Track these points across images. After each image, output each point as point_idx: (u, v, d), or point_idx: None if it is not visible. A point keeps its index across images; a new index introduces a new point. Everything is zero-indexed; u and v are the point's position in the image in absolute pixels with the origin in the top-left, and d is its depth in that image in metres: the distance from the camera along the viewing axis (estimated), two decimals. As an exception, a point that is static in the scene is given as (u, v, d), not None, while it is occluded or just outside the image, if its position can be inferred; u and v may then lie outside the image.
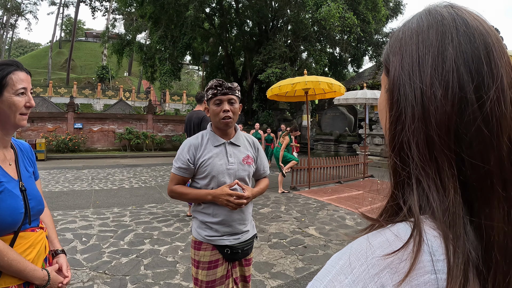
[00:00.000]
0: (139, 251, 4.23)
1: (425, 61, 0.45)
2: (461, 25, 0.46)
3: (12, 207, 1.21)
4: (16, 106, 1.26)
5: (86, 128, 18.70)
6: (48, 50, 49.30)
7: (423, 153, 0.44)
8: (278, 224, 5.45)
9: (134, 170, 12.13)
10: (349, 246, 0.45)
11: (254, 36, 22.94)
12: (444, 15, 0.47)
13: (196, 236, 1.95)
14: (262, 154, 2.17)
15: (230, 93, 1.90)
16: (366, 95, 11.00)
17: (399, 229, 0.43)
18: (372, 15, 17.76)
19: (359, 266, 0.41)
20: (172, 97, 36.74)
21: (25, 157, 1.43)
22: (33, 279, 1.24)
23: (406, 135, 0.45)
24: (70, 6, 50.75)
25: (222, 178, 1.89)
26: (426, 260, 0.39)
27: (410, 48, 0.48)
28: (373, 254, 0.41)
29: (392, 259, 0.40)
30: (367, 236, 0.45)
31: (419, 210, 0.43)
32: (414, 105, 0.45)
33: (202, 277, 1.89)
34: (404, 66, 0.47)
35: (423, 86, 0.44)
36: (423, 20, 0.49)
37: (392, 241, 0.42)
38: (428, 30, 0.47)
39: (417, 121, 0.44)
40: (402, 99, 0.46)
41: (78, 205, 6.57)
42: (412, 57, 0.47)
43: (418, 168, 0.44)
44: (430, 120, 0.43)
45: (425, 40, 0.46)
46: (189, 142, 1.96)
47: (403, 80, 0.47)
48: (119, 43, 22.87)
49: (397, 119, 0.47)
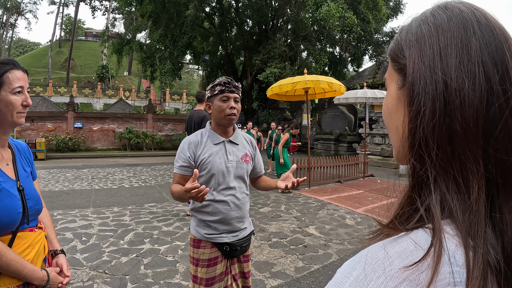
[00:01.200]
0: (139, 250, 4.22)
1: (448, 53, 0.44)
2: (481, 18, 0.45)
3: (10, 207, 1.20)
4: (13, 105, 1.25)
5: (86, 127, 18.69)
6: (48, 50, 49.26)
7: (445, 150, 0.42)
8: (278, 224, 5.44)
9: (134, 170, 12.12)
10: (363, 254, 0.43)
11: (254, 35, 22.95)
12: (462, 9, 0.46)
13: (195, 234, 1.95)
14: (258, 154, 2.21)
15: (236, 91, 1.94)
16: (366, 94, 10.98)
17: (417, 237, 0.41)
18: (373, 14, 17.74)
19: (376, 278, 0.39)
20: (172, 96, 36.72)
21: (22, 157, 1.42)
22: (32, 279, 1.23)
23: (424, 132, 0.43)
24: (70, 6, 50.75)
25: (222, 176, 1.90)
26: (446, 272, 0.37)
27: (430, 40, 0.46)
28: (391, 266, 0.39)
29: (412, 271, 0.38)
30: (383, 244, 0.42)
31: (440, 216, 0.41)
32: (436, 99, 0.43)
33: (201, 274, 1.90)
34: (424, 59, 0.45)
35: (447, 78, 0.43)
36: (440, 14, 0.47)
37: (411, 251, 0.39)
38: (448, 22, 0.45)
39: (439, 116, 0.42)
40: (422, 93, 0.44)
41: (78, 205, 6.56)
42: (433, 49, 0.45)
43: (437, 167, 0.42)
44: (455, 114, 0.41)
45: (447, 31, 0.45)
46: (188, 139, 1.97)
47: (424, 73, 0.45)
48: (119, 43, 22.86)
49: (416, 115, 0.44)
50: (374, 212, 6.20)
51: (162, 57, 19.57)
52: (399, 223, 0.46)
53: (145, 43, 24.57)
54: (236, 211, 1.93)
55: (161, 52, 19.81)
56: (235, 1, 21.12)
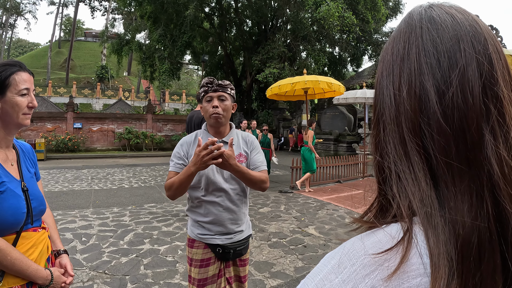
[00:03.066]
0: (138, 250, 4.23)
1: (395, 66, 0.48)
2: (426, 23, 0.47)
3: (15, 207, 1.22)
4: (19, 106, 1.26)
5: (86, 128, 18.69)
6: (47, 50, 49.27)
7: (399, 151, 0.46)
8: (278, 224, 5.45)
9: (133, 170, 12.12)
10: (342, 246, 0.45)
11: (253, 35, 22.96)
12: (414, 16, 0.49)
13: (190, 234, 1.97)
14: (257, 150, 2.08)
15: (221, 90, 1.91)
16: (365, 94, 11.01)
17: (392, 229, 0.43)
18: (372, 14, 17.75)
19: (350, 266, 0.41)
20: (172, 96, 36.70)
21: (26, 158, 1.44)
22: (36, 278, 1.24)
23: (385, 135, 0.48)
24: (69, 6, 50.82)
25: (212, 176, 1.88)
26: (418, 263, 0.38)
27: (386, 55, 0.51)
28: (365, 255, 0.41)
29: (383, 260, 0.39)
30: (361, 236, 0.45)
31: (408, 209, 0.43)
32: (389, 108, 0.48)
33: (194, 274, 1.90)
34: (383, 73, 0.50)
35: (394, 89, 0.48)
36: (402, 25, 0.51)
37: (386, 241, 0.41)
38: (399, 35, 0.50)
39: (392, 123, 0.47)
40: (380, 103, 0.50)
41: (78, 205, 6.57)
42: (388, 64, 0.50)
43: (395, 164, 0.46)
44: (400, 120, 0.46)
45: (396, 44, 0.49)
46: (184, 139, 2.00)
47: (382, 86, 0.50)
48: (118, 43, 22.86)
49: (378, 121, 0.50)
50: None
51: (161, 57, 19.57)
52: (376, 218, 0.49)
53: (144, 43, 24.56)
54: (228, 213, 1.90)
55: (160, 52, 19.81)
56: (234, 2, 21.13)
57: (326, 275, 0.42)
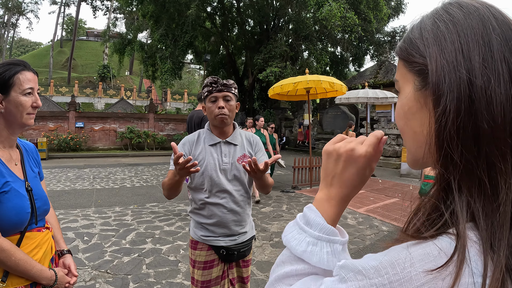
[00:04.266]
0: (141, 250, 4.23)
1: (470, 50, 0.42)
2: (497, 14, 0.44)
3: (19, 206, 1.21)
4: (23, 106, 1.26)
5: (88, 127, 18.71)
6: (49, 49, 49.30)
7: (470, 151, 0.40)
8: (280, 223, 5.45)
9: (135, 169, 12.14)
10: (385, 252, 0.42)
11: (255, 35, 22.92)
12: (477, 6, 0.45)
13: (193, 235, 1.95)
14: (261, 152, 2.05)
15: (226, 90, 1.86)
16: (367, 94, 10.99)
17: (442, 243, 0.40)
18: (374, 14, 17.70)
19: (393, 274, 0.38)
20: (174, 96, 36.69)
21: (30, 158, 1.43)
22: (40, 279, 1.24)
23: (450, 134, 0.42)
24: (71, 5, 50.73)
25: (216, 177, 1.85)
26: (468, 283, 0.36)
27: (451, 38, 0.44)
28: (412, 267, 0.38)
29: (432, 277, 0.37)
30: (406, 245, 0.41)
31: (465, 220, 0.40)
32: (461, 98, 0.41)
33: (197, 276, 1.89)
34: (447, 57, 0.44)
35: (471, 76, 0.41)
36: (456, 11, 0.46)
37: (435, 256, 0.38)
38: (466, 19, 0.44)
39: (463, 116, 0.41)
40: (447, 93, 0.42)
41: (80, 204, 6.58)
42: (454, 47, 0.43)
43: (462, 169, 0.41)
44: (482, 113, 0.40)
45: (466, 28, 0.43)
46: (185, 139, 1.97)
47: (448, 72, 0.43)
48: (120, 42, 22.86)
49: (441, 116, 0.43)
50: (376, 212, 6.19)
51: (162, 56, 19.56)
52: (424, 229, 0.44)
53: (146, 42, 24.57)
54: (232, 215, 1.88)
55: (162, 52, 19.80)
56: (236, 1, 21.09)
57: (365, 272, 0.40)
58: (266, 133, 7.84)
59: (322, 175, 0.61)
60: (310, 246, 0.55)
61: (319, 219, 0.56)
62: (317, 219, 0.56)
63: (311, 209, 0.59)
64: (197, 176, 1.88)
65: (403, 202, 7.12)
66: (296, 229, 0.60)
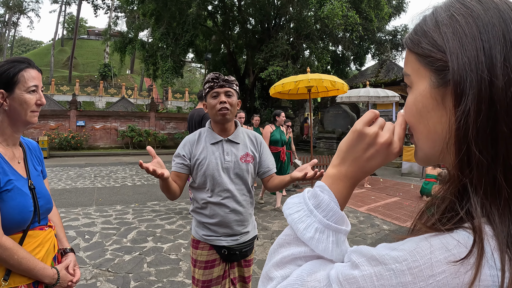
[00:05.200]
0: (142, 248, 4.23)
1: (492, 48, 0.40)
2: None
3: (22, 205, 1.21)
4: (27, 103, 1.26)
5: (89, 125, 18.72)
6: (50, 48, 49.29)
7: (488, 153, 0.39)
8: (281, 222, 5.44)
9: (136, 168, 12.15)
10: (403, 241, 0.42)
11: (256, 34, 22.90)
12: (495, 1, 0.42)
13: (194, 234, 1.93)
14: (266, 150, 2.04)
15: (227, 85, 1.84)
16: (369, 93, 10.96)
17: (459, 236, 0.39)
18: (375, 13, 17.68)
19: (412, 261, 0.38)
20: (174, 94, 36.71)
21: (33, 156, 1.43)
22: (42, 277, 1.24)
23: (469, 135, 0.40)
24: (72, 4, 50.63)
25: (218, 177, 1.83)
26: (487, 274, 0.36)
27: (472, 33, 0.42)
28: (432, 254, 0.38)
29: (454, 267, 0.37)
30: (424, 236, 0.41)
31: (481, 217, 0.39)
32: (482, 99, 0.39)
33: (198, 276, 1.88)
34: (468, 54, 0.41)
35: (492, 76, 0.39)
36: (474, 4, 0.43)
37: (454, 245, 0.38)
38: (486, 13, 0.41)
39: (483, 117, 0.39)
40: (469, 92, 0.40)
41: (81, 203, 6.58)
42: (476, 44, 0.41)
43: (478, 171, 0.40)
44: (502, 116, 0.38)
45: (487, 24, 0.41)
46: (187, 138, 1.95)
47: (469, 70, 0.41)
48: (121, 41, 22.86)
49: (461, 116, 0.41)
50: (377, 211, 6.19)
51: (163, 55, 19.55)
52: (440, 224, 0.44)
53: (147, 41, 24.54)
54: (235, 214, 1.86)
55: (163, 51, 19.79)
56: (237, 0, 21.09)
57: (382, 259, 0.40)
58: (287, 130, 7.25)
59: (343, 149, 0.56)
60: (318, 234, 0.51)
61: (333, 204, 0.53)
62: (331, 205, 0.52)
63: (324, 189, 0.54)
64: (199, 176, 1.86)
65: (404, 201, 7.11)
66: (303, 210, 0.54)
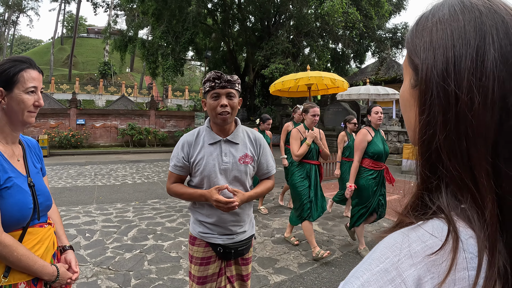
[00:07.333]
0: (142, 246, 4.24)
1: (462, 63, 0.40)
2: (500, 24, 0.40)
3: (21, 202, 1.21)
4: (25, 104, 1.26)
5: (89, 124, 18.72)
6: (50, 47, 49.26)
7: (459, 162, 0.40)
8: (281, 220, 5.45)
9: (136, 166, 12.15)
10: (383, 240, 0.44)
11: (256, 31, 22.88)
12: (482, 10, 0.41)
13: (192, 231, 1.95)
14: (266, 152, 1.98)
15: (229, 86, 1.76)
16: (369, 90, 10.97)
17: (434, 224, 0.41)
18: (375, 10, 17.66)
19: (393, 256, 0.40)
20: (174, 92, 36.69)
21: (32, 153, 1.43)
22: (42, 274, 1.24)
23: (437, 142, 0.41)
24: (71, 2, 50.50)
25: (215, 178, 1.80)
26: (462, 257, 0.38)
27: (445, 45, 0.42)
28: (410, 247, 0.40)
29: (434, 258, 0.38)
30: (402, 231, 0.43)
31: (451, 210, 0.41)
32: (447, 112, 0.40)
33: (194, 271, 1.89)
34: (438, 66, 0.42)
35: (458, 91, 0.40)
36: (458, 14, 0.43)
37: (430, 236, 0.40)
38: (465, 26, 0.41)
39: (450, 129, 0.40)
40: (434, 103, 0.41)
41: (81, 201, 6.59)
42: (447, 57, 0.41)
43: (450, 176, 0.41)
44: (466, 130, 0.39)
45: (462, 38, 0.41)
46: (184, 138, 1.90)
47: (436, 83, 0.41)
48: (121, 39, 22.84)
49: (428, 123, 0.42)
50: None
51: (164, 53, 19.54)
52: (414, 213, 0.46)
53: (147, 39, 24.52)
54: (231, 215, 1.84)
55: (163, 49, 19.78)
56: (237, -3, 21.07)
57: (368, 265, 0.41)
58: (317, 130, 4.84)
59: None
60: None
61: None
62: None
63: None
64: (196, 176, 1.86)
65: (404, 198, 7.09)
66: None
